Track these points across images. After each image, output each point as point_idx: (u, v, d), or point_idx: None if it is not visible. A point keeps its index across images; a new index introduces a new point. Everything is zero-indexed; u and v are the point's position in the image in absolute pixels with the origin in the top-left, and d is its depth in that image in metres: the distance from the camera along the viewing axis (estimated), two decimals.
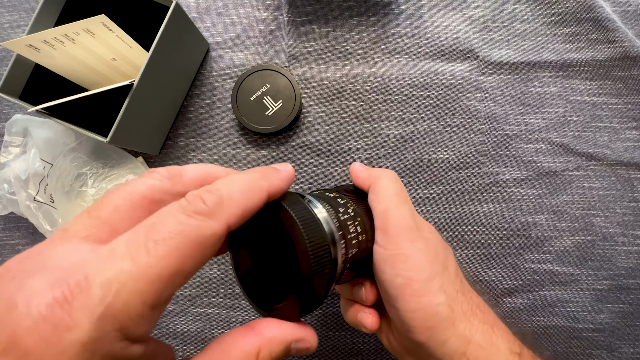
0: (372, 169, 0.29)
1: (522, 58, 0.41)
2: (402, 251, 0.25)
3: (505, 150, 0.40)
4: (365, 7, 0.42)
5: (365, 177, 0.28)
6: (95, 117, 0.36)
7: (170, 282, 0.13)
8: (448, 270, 0.27)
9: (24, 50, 0.32)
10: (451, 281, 0.26)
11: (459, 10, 0.42)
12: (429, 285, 0.25)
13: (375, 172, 0.28)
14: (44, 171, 0.39)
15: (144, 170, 0.39)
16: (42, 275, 0.13)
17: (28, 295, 0.12)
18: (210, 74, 0.43)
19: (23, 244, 0.41)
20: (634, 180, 0.39)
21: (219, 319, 0.40)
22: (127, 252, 0.13)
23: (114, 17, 0.32)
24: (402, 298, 0.24)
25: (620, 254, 0.38)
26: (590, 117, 0.40)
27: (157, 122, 0.40)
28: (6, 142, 0.40)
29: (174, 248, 0.13)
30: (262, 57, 0.42)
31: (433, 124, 0.41)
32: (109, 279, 0.13)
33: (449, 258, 0.28)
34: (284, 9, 0.43)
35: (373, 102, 0.41)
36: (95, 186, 0.39)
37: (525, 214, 0.39)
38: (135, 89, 0.33)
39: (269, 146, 0.42)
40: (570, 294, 0.38)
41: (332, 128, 0.41)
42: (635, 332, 0.38)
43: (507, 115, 0.41)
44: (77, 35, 0.32)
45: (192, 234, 0.14)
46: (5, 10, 0.45)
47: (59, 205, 0.38)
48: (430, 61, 0.41)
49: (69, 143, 0.39)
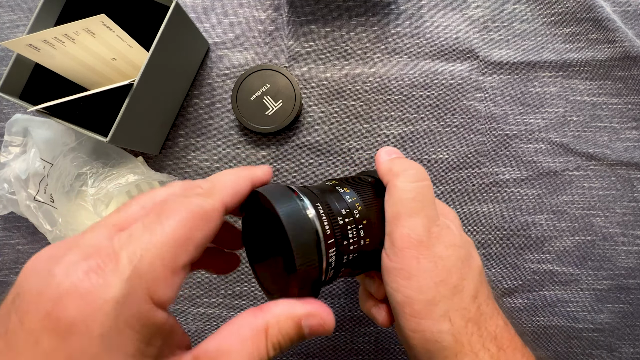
0: (396, 161, 0.25)
1: (522, 58, 0.41)
2: (406, 268, 0.22)
3: (505, 150, 0.40)
4: (365, 7, 0.42)
5: (385, 171, 0.25)
6: (95, 117, 0.36)
7: (183, 247, 0.16)
8: (461, 295, 0.23)
9: (24, 49, 0.32)
10: (462, 307, 0.22)
11: (459, 10, 0.42)
12: (432, 309, 0.22)
13: (397, 166, 0.25)
14: (44, 171, 0.39)
15: (143, 170, 0.39)
16: (76, 251, 0.15)
17: (66, 267, 0.14)
18: (211, 73, 0.43)
19: (23, 243, 0.41)
20: (634, 180, 0.39)
21: (219, 319, 0.40)
22: (144, 229, 0.16)
23: (114, 17, 0.32)
24: (402, 315, 0.23)
25: (620, 254, 0.38)
26: (590, 117, 0.40)
27: (157, 122, 0.40)
28: (6, 142, 0.40)
29: (183, 219, 0.16)
30: (262, 57, 0.42)
31: (433, 123, 0.41)
32: (134, 249, 0.15)
33: (467, 279, 0.23)
34: (284, 8, 0.43)
35: (373, 102, 0.41)
36: (96, 186, 0.39)
37: (525, 214, 0.39)
38: (135, 89, 0.33)
39: (269, 146, 0.42)
40: (570, 294, 0.38)
41: (332, 128, 0.41)
42: (635, 332, 0.38)
43: (507, 115, 0.41)
44: (77, 35, 0.32)
45: (196, 208, 0.17)
46: (5, 10, 0.45)
47: (59, 204, 0.38)
48: (430, 61, 0.41)
49: (69, 143, 0.39)
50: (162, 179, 0.40)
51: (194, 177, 0.42)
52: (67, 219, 0.38)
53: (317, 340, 0.39)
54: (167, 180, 0.40)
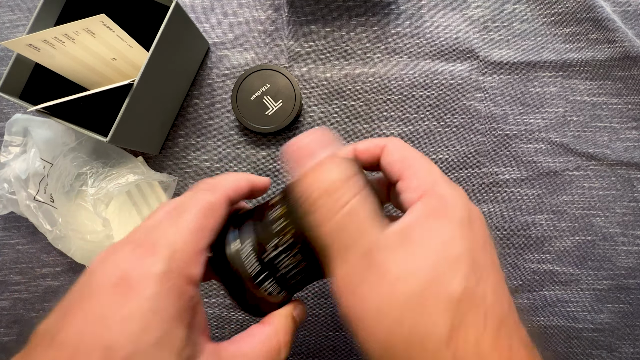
0: None
1: (522, 58, 0.41)
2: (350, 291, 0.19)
3: (505, 150, 0.40)
4: (365, 7, 0.42)
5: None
6: (95, 117, 0.36)
7: (201, 233, 0.20)
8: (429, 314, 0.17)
9: (24, 49, 0.32)
10: (430, 330, 0.17)
11: (459, 10, 0.42)
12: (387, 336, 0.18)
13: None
14: (44, 171, 0.39)
15: (143, 170, 0.39)
16: (128, 245, 0.19)
17: (124, 254, 0.19)
18: (211, 73, 0.43)
19: (23, 243, 0.41)
20: (634, 180, 0.39)
21: (218, 319, 0.40)
22: (170, 225, 0.20)
23: (114, 17, 0.32)
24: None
25: (620, 254, 0.38)
26: (590, 117, 0.40)
27: (157, 122, 0.40)
28: (6, 142, 0.40)
29: (196, 212, 0.21)
30: (262, 57, 0.42)
31: (433, 123, 0.41)
32: (166, 239, 0.19)
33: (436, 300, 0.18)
34: (284, 8, 0.43)
35: (373, 102, 0.41)
36: (96, 186, 0.39)
37: (525, 214, 0.39)
38: (135, 89, 0.33)
39: (269, 146, 0.42)
40: (570, 294, 0.38)
41: (332, 128, 0.41)
42: (635, 332, 0.38)
43: (507, 115, 0.41)
44: (77, 35, 0.32)
45: (203, 201, 0.21)
46: (6, 10, 0.45)
47: (59, 204, 0.38)
48: (430, 61, 0.41)
49: (69, 143, 0.39)
50: (162, 178, 0.40)
51: (194, 177, 0.42)
52: (67, 219, 0.38)
53: (317, 340, 0.39)
54: (167, 180, 0.40)
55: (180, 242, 0.19)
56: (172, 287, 0.18)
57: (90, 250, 0.38)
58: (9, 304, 0.41)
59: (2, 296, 0.41)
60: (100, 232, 0.38)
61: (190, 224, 0.20)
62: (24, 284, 0.41)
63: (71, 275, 0.41)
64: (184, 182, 0.42)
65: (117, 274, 0.18)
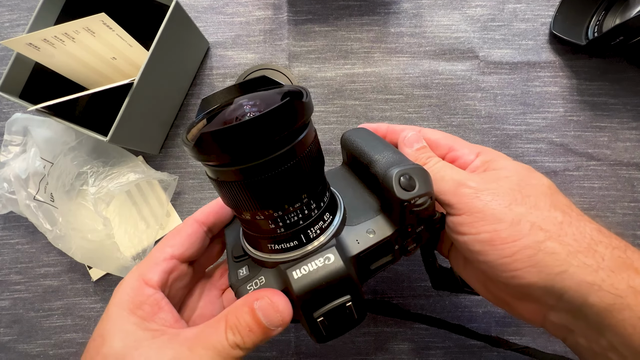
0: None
1: (522, 58, 0.41)
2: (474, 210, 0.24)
3: (506, 149, 0.40)
4: (365, 7, 0.42)
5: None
6: (95, 116, 0.36)
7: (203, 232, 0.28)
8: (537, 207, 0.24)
9: (24, 49, 0.32)
10: (545, 216, 0.23)
11: (459, 10, 0.42)
12: (518, 228, 0.23)
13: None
14: (44, 170, 0.39)
15: (144, 169, 0.39)
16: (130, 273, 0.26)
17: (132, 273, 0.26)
18: (211, 73, 0.43)
19: (23, 243, 0.41)
20: (634, 180, 0.39)
21: None
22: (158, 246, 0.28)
23: (114, 16, 0.32)
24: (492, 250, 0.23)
25: None
26: (590, 117, 0.40)
27: (157, 121, 0.40)
28: (6, 141, 0.40)
29: (169, 235, 0.28)
30: (263, 56, 0.42)
31: (433, 123, 0.41)
32: (149, 256, 0.27)
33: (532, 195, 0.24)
34: (284, 8, 0.43)
35: (373, 102, 0.41)
36: (96, 185, 0.39)
37: None
38: (136, 88, 0.33)
39: None
40: None
41: (332, 127, 0.41)
42: None
43: (507, 115, 0.41)
44: (77, 34, 0.32)
45: (193, 217, 0.28)
46: (5, 9, 0.44)
47: (59, 204, 0.38)
48: (430, 60, 0.41)
49: (69, 142, 0.39)
50: (162, 177, 0.40)
51: (194, 177, 0.42)
52: (67, 218, 0.38)
53: None
54: (167, 179, 0.40)
55: (146, 260, 0.26)
56: (131, 287, 0.24)
57: (90, 250, 0.38)
58: (9, 304, 0.41)
59: (2, 296, 0.41)
60: (101, 231, 0.37)
61: (159, 244, 0.27)
62: (24, 283, 0.41)
63: (71, 275, 0.41)
64: (184, 182, 0.42)
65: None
